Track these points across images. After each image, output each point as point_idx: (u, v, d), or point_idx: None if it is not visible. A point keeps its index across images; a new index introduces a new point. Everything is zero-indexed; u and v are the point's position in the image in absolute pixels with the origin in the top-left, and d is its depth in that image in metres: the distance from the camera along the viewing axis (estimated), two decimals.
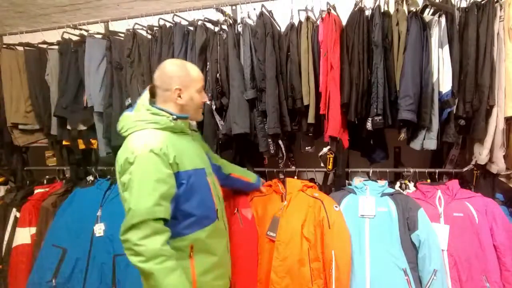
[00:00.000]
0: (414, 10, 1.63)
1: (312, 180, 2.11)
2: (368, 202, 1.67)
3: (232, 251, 1.68)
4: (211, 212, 1.29)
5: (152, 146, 1.11)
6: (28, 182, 2.46)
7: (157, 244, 1.05)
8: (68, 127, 2.18)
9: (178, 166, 1.16)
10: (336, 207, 1.66)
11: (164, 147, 1.13)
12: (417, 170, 1.89)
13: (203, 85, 1.35)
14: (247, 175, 1.79)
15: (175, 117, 1.22)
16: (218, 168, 1.61)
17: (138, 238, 1.03)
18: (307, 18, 1.81)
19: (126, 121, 1.22)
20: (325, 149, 1.78)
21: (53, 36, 2.32)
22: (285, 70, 1.84)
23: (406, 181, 1.87)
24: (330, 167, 1.81)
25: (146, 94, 1.27)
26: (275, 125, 1.76)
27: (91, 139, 2.20)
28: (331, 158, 1.79)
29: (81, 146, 2.22)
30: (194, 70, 1.30)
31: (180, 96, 1.25)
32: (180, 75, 1.25)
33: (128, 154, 1.11)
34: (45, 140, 2.39)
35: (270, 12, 1.91)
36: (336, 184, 1.95)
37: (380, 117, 1.65)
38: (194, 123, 1.44)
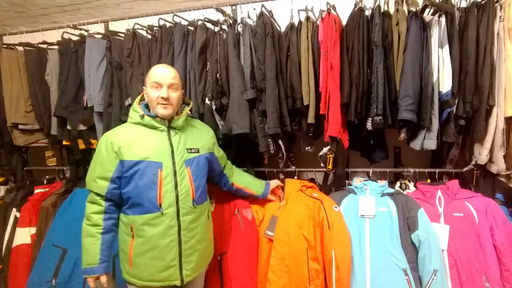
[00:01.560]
0: (414, 10, 1.63)
1: (312, 180, 2.11)
2: (368, 202, 1.67)
3: (232, 251, 1.68)
4: (149, 203, 1.36)
5: (106, 135, 1.40)
6: (28, 182, 2.47)
7: (90, 210, 1.39)
8: (68, 127, 2.18)
9: (122, 155, 1.35)
10: (336, 207, 1.66)
11: (114, 138, 1.37)
12: (417, 170, 1.89)
13: (159, 82, 1.39)
14: (251, 187, 1.78)
15: (143, 114, 1.41)
16: (222, 175, 1.71)
17: (86, 200, 1.42)
18: (307, 18, 1.81)
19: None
20: (325, 149, 1.78)
21: (53, 36, 2.33)
22: (285, 70, 1.84)
23: (406, 181, 1.87)
24: (330, 167, 1.81)
25: (140, 95, 1.50)
26: (275, 125, 1.76)
27: (91, 139, 2.20)
28: (331, 158, 1.80)
29: (81, 146, 2.22)
30: (154, 69, 1.43)
31: (145, 94, 1.46)
32: (146, 77, 1.44)
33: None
34: (45, 140, 2.40)
35: (270, 12, 1.91)
36: (336, 184, 1.95)
37: (380, 117, 1.65)
38: (179, 121, 1.45)
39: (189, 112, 1.58)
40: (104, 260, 1.36)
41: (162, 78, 1.39)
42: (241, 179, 1.77)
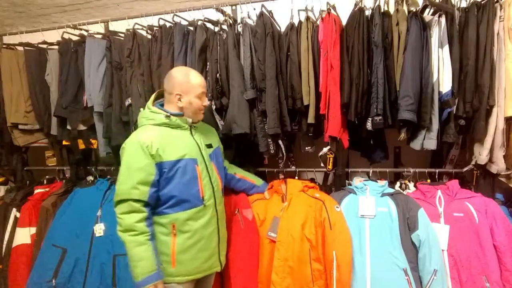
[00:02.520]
0: (414, 10, 1.63)
1: (312, 180, 2.11)
2: (368, 202, 1.67)
3: (233, 252, 1.68)
4: (194, 197, 1.41)
5: (138, 140, 1.34)
6: (28, 182, 2.46)
7: (132, 220, 1.31)
8: (68, 127, 2.18)
9: (161, 157, 1.35)
10: (337, 207, 1.66)
11: (148, 141, 1.34)
12: (417, 170, 1.89)
13: (204, 91, 1.49)
14: (251, 177, 1.89)
15: (168, 114, 1.42)
16: (224, 167, 1.74)
17: (119, 213, 1.33)
18: (307, 18, 1.81)
19: (138, 119, 1.49)
20: (325, 149, 1.78)
21: (53, 36, 2.32)
22: (285, 70, 1.84)
23: (406, 181, 1.87)
24: (330, 167, 1.81)
25: (152, 96, 1.50)
26: (275, 125, 1.76)
27: (91, 139, 2.20)
28: (331, 158, 1.80)
29: (81, 146, 2.22)
30: (195, 78, 1.47)
31: (180, 100, 1.44)
32: (181, 82, 1.44)
33: (123, 145, 1.38)
34: (45, 140, 2.39)
35: (270, 12, 1.91)
36: (336, 184, 1.95)
37: (380, 117, 1.65)
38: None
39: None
40: (159, 265, 1.34)
41: (204, 87, 1.50)
42: (239, 170, 1.86)
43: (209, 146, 1.56)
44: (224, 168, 1.75)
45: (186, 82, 1.44)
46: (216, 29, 1.94)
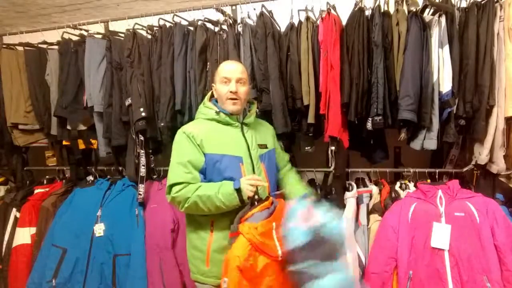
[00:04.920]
0: (414, 10, 1.63)
1: (312, 180, 2.11)
2: None
3: None
4: None
5: (184, 130, 1.40)
6: (28, 182, 2.46)
7: (184, 192, 1.30)
8: (68, 127, 2.17)
9: (204, 148, 1.36)
10: None
11: (194, 131, 1.38)
12: (417, 170, 1.89)
13: (230, 77, 1.41)
14: (295, 193, 1.61)
15: (219, 110, 1.44)
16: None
17: (175, 193, 1.32)
18: (307, 18, 1.81)
19: (196, 113, 1.54)
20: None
21: (53, 36, 2.32)
22: (285, 70, 1.84)
23: (406, 181, 1.87)
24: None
25: (209, 92, 1.54)
26: (284, 124, 1.78)
27: (91, 139, 2.20)
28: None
29: (81, 146, 2.22)
30: (224, 63, 1.48)
31: (215, 91, 1.47)
32: (215, 74, 1.47)
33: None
34: (45, 140, 2.39)
35: (270, 12, 1.91)
36: (335, 184, 1.94)
37: (380, 117, 1.64)
38: (251, 118, 1.51)
39: (257, 110, 1.64)
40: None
41: (231, 72, 1.42)
42: (292, 181, 1.65)
43: (263, 146, 1.51)
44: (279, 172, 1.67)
45: (216, 72, 1.46)
46: (216, 29, 1.94)
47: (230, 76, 1.41)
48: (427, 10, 1.76)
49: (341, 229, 1.33)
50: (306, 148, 1.95)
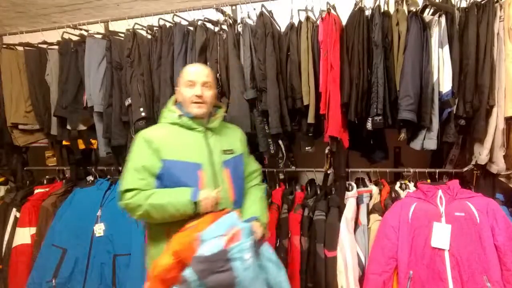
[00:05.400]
0: (414, 10, 1.63)
1: (312, 180, 2.11)
2: None
3: None
4: None
5: (142, 134, 1.36)
6: (28, 182, 2.46)
7: (137, 200, 1.25)
8: (68, 127, 2.17)
9: (162, 153, 1.31)
10: None
11: (153, 135, 1.34)
12: (417, 170, 1.89)
13: (193, 80, 1.38)
14: (254, 210, 1.46)
15: (182, 114, 1.39)
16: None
17: (127, 199, 1.26)
18: (307, 18, 1.81)
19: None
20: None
21: (53, 36, 2.32)
22: (285, 70, 1.84)
23: (406, 181, 1.87)
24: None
25: (173, 96, 1.49)
26: (278, 124, 1.76)
27: (91, 139, 2.20)
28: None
29: (81, 146, 2.22)
30: (188, 66, 1.45)
31: (179, 94, 1.43)
32: (179, 77, 1.43)
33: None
34: (45, 140, 2.39)
35: (270, 12, 1.91)
36: (337, 184, 1.94)
37: (380, 117, 1.64)
38: (216, 122, 1.44)
39: (224, 114, 1.56)
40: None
41: (195, 75, 1.39)
42: (252, 196, 1.52)
43: (228, 152, 1.44)
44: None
45: (180, 75, 1.42)
46: (216, 29, 1.94)
47: (195, 79, 1.38)
48: (427, 10, 1.76)
49: (249, 270, 1.11)
50: (306, 148, 1.95)
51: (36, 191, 2.27)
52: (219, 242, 1.09)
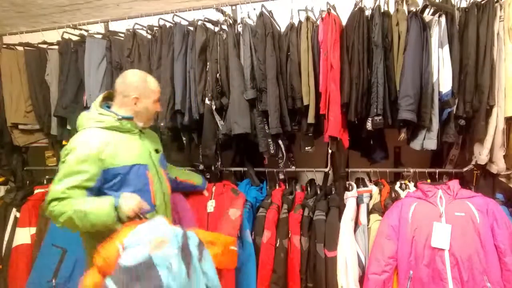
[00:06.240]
0: (414, 10, 1.63)
1: (312, 180, 2.11)
2: None
3: None
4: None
5: (86, 144, 1.27)
6: (28, 182, 2.46)
7: (61, 206, 1.21)
8: (68, 127, 2.18)
9: (112, 162, 1.30)
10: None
11: (100, 145, 1.28)
12: (417, 170, 1.89)
13: (159, 97, 1.49)
14: (191, 178, 1.86)
15: (120, 117, 1.37)
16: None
17: (52, 207, 1.22)
18: (307, 18, 1.81)
19: (81, 119, 1.39)
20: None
21: (53, 36, 2.32)
22: (285, 70, 1.84)
23: (406, 181, 1.87)
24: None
25: (99, 97, 1.43)
26: (277, 125, 1.76)
27: None
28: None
29: None
30: (153, 83, 1.46)
31: (136, 104, 1.40)
32: (140, 86, 1.41)
33: (67, 146, 1.30)
34: (45, 140, 2.40)
35: (270, 12, 1.91)
36: (338, 184, 1.94)
37: (380, 117, 1.64)
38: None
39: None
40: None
41: (159, 93, 1.49)
42: (179, 173, 1.81)
43: (156, 151, 1.53)
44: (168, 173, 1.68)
45: (144, 87, 1.42)
46: (216, 29, 1.94)
47: (158, 96, 1.48)
48: (427, 10, 1.76)
49: (179, 278, 1.05)
50: (306, 148, 1.95)
51: (36, 191, 2.27)
52: (143, 250, 1.03)
